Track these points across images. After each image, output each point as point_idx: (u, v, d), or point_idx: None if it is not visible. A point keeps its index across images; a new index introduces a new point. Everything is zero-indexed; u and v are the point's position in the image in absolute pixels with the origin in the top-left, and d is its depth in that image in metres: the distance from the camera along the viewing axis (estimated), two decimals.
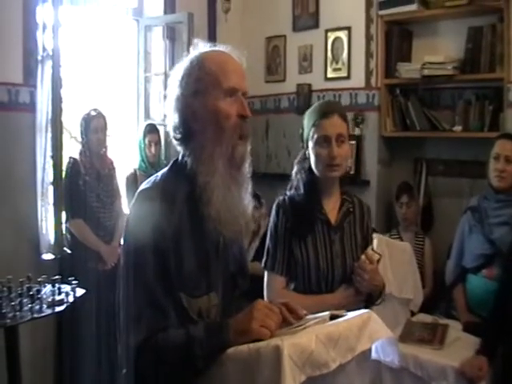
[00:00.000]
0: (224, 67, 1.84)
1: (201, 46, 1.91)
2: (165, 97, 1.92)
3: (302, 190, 2.66)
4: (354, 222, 2.70)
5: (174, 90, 1.86)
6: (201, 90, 1.82)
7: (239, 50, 1.94)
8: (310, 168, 2.67)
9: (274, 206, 2.69)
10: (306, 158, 2.68)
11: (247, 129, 1.86)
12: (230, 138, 1.81)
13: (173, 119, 1.87)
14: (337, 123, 2.59)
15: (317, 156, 2.59)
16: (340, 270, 2.59)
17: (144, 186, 1.86)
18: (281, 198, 2.70)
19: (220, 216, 1.79)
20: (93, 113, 4.54)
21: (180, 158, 1.90)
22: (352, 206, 2.71)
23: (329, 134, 2.56)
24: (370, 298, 2.61)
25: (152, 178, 1.89)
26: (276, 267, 2.62)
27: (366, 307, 2.47)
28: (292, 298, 2.04)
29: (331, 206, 2.66)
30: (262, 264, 2.70)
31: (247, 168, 1.89)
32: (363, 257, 2.55)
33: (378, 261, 2.57)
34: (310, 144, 2.62)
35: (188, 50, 1.94)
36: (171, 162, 1.94)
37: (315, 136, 2.59)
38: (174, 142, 1.91)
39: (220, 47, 1.92)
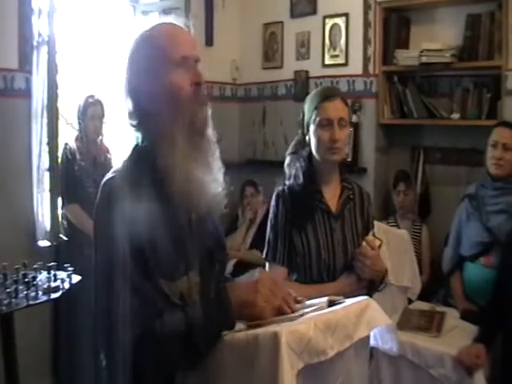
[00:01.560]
0: (171, 38, 1.78)
1: (146, 23, 1.85)
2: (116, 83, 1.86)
3: (301, 179, 2.63)
4: (355, 209, 2.68)
5: (124, 73, 1.81)
6: (151, 67, 1.75)
7: (236, 36, 1.89)
8: (308, 156, 2.64)
9: (274, 197, 2.67)
10: (305, 146, 2.66)
11: (204, 95, 1.80)
12: (188, 108, 1.75)
13: (126, 105, 1.81)
14: (339, 107, 2.58)
15: (318, 139, 2.56)
16: (341, 258, 2.57)
17: (107, 176, 1.80)
18: (280, 188, 2.67)
19: (186, 192, 1.74)
20: (90, 99, 4.52)
21: (140, 142, 1.84)
22: (352, 193, 2.69)
23: (331, 117, 2.54)
24: (372, 284, 2.59)
25: (113, 168, 1.84)
26: (277, 258, 2.61)
27: (368, 294, 2.46)
28: (294, 288, 2.02)
29: (331, 194, 2.64)
30: (263, 255, 2.68)
31: (210, 133, 1.84)
32: (364, 243, 2.53)
33: (380, 246, 2.56)
34: (312, 127, 2.59)
35: None
36: (131, 148, 1.88)
37: (317, 119, 2.56)
38: (131, 129, 1.85)
39: (163, 20, 1.86)
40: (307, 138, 2.64)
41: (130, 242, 1.65)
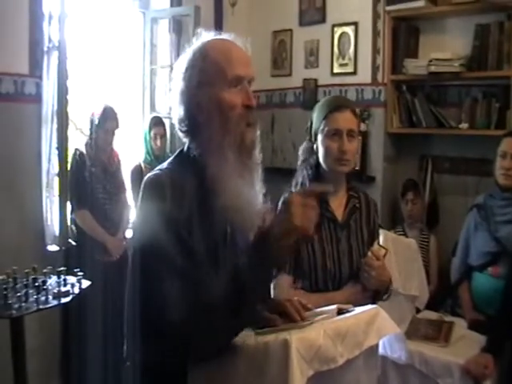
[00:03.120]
0: (228, 55, 1.81)
1: (204, 36, 1.87)
2: (170, 89, 1.90)
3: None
4: (361, 218, 2.67)
5: (179, 82, 1.84)
6: (205, 81, 1.79)
7: (244, 39, 1.91)
8: (316, 164, 2.63)
9: (281, 203, 2.65)
10: (312, 154, 2.65)
11: (254, 117, 1.84)
12: (237, 127, 1.78)
13: (178, 112, 1.85)
14: (348, 118, 2.56)
15: (326, 149, 2.55)
16: (347, 267, 2.56)
17: (151, 173, 1.82)
18: (286, 195, 2.64)
19: (233, 205, 1.76)
20: (108, 113, 4.51)
21: (185, 149, 1.88)
22: (358, 201, 2.68)
23: (340, 128, 2.53)
24: (377, 294, 2.58)
25: (158, 167, 1.87)
26: None
27: (372, 303, 2.46)
28: (299, 297, 2.03)
29: (338, 203, 2.63)
30: None
31: (257, 154, 1.87)
32: (370, 253, 2.52)
33: (385, 255, 2.55)
34: (320, 137, 2.58)
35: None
36: (176, 152, 1.92)
37: (326, 129, 2.55)
38: (180, 135, 1.89)
39: (223, 35, 1.89)
40: (315, 146, 2.63)
41: (174, 234, 1.68)
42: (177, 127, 1.88)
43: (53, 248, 4.40)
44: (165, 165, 1.87)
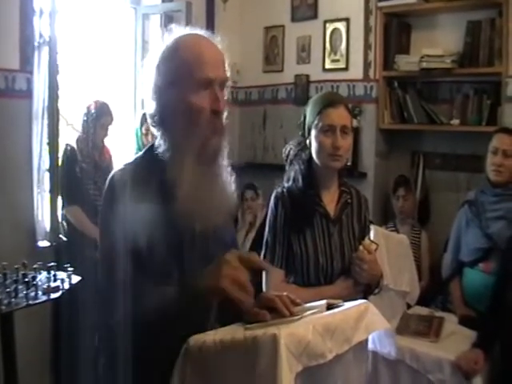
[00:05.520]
0: (198, 55, 1.75)
1: (176, 32, 1.82)
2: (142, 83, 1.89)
3: (300, 183, 2.62)
4: (352, 213, 2.68)
5: (150, 78, 1.81)
6: (174, 81, 1.75)
7: (237, 39, 1.89)
8: (308, 160, 2.64)
9: (273, 198, 2.65)
10: (305, 149, 2.66)
11: (220, 124, 1.79)
12: (201, 133, 1.75)
13: (150, 107, 1.82)
14: (343, 114, 2.58)
15: (320, 144, 2.56)
16: (339, 262, 2.57)
17: (116, 169, 1.83)
18: (279, 189, 2.66)
19: (189, 211, 1.74)
20: (105, 109, 4.51)
21: (156, 144, 1.85)
22: (350, 197, 2.69)
23: (334, 124, 2.54)
24: (369, 288, 2.61)
25: (125, 162, 1.87)
26: (275, 260, 2.59)
27: (364, 297, 2.47)
28: (291, 291, 2.02)
29: (330, 199, 2.64)
30: (261, 257, 2.64)
31: (223, 160, 1.83)
32: (361, 247, 2.54)
33: (376, 250, 2.57)
34: (313, 132, 2.59)
35: None
36: (147, 146, 1.90)
37: (320, 124, 2.56)
38: (152, 130, 1.87)
39: (197, 31, 1.84)
40: (307, 141, 2.64)
41: (128, 236, 1.68)
42: (149, 122, 1.86)
43: (44, 244, 4.39)
44: (131, 160, 1.87)
